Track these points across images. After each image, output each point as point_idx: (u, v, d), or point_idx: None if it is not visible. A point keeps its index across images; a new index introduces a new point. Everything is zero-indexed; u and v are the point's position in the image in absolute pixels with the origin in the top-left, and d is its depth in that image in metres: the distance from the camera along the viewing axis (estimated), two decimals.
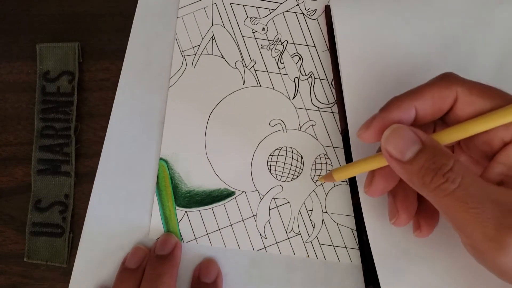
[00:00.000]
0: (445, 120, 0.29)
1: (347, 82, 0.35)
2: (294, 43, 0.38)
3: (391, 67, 0.35)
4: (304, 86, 0.38)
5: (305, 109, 0.37)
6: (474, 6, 0.35)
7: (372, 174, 0.30)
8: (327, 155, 0.37)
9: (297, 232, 0.37)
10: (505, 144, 0.27)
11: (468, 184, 0.25)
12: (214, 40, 0.38)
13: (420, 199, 0.31)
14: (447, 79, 0.28)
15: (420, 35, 0.35)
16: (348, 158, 0.36)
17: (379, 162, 0.29)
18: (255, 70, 0.38)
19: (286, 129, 0.37)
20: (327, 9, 0.37)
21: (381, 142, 0.28)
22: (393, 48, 0.35)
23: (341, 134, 0.37)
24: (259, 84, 0.38)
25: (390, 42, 0.35)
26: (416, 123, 0.29)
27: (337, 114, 0.37)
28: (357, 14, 0.35)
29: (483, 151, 0.28)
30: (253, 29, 0.38)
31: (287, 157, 0.37)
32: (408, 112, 0.28)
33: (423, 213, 0.31)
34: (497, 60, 0.35)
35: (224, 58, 0.38)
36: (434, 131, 0.31)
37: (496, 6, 0.35)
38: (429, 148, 0.26)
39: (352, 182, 0.36)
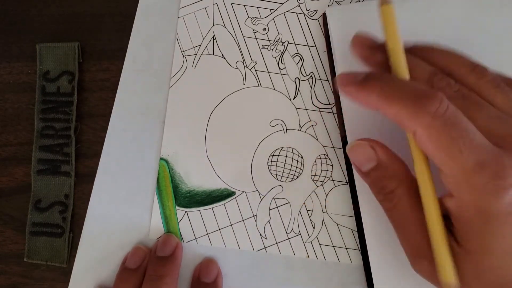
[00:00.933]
0: None
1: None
2: (295, 44, 0.38)
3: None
4: (304, 86, 0.38)
5: (306, 109, 0.37)
6: (472, 14, 0.35)
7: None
8: (327, 155, 0.37)
9: (297, 232, 0.37)
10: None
11: (400, 209, 0.29)
12: (215, 40, 0.38)
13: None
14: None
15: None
16: (348, 164, 0.36)
17: None
18: (255, 70, 0.38)
19: (286, 129, 0.37)
20: (325, 16, 0.37)
21: (347, 151, 0.32)
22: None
23: (341, 141, 0.37)
24: (259, 84, 0.38)
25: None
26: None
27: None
28: (354, 23, 0.35)
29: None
30: (254, 29, 0.38)
31: (287, 157, 0.37)
32: None
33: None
34: (495, 68, 0.35)
35: (225, 58, 0.38)
36: None
37: (494, 14, 0.35)
38: (381, 168, 0.30)
39: (353, 189, 0.36)
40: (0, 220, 0.38)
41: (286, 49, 0.38)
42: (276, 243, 0.37)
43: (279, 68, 0.38)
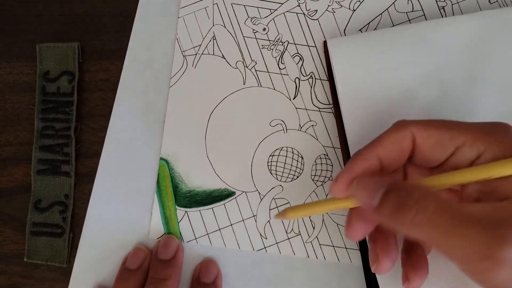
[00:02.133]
0: (414, 162, 0.30)
1: (348, 118, 0.35)
2: (295, 44, 0.38)
3: (391, 102, 0.35)
4: (304, 86, 0.38)
5: (306, 109, 0.37)
6: (473, 42, 0.35)
7: (349, 216, 0.31)
8: (327, 155, 0.37)
9: (297, 232, 0.37)
10: (473, 162, 0.27)
11: (441, 209, 0.25)
12: (215, 40, 0.38)
13: (407, 251, 0.31)
14: (401, 123, 0.29)
15: (419, 71, 0.35)
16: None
17: (334, 205, 0.30)
18: (255, 70, 0.38)
19: (286, 129, 0.37)
20: (325, 44, 0.37)
21: (351, 194, 0.29)
22: (392, 84, 0.35)
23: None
24: (259, 84, 0.38)
25: (389, 78, 0.35)
26: (385, 171, 0.30)
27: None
28: (355, 52, 0.35)
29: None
30: (254, 29, 0.38)
31: (287, 157, 0.37)
32: (371, 160, 0.29)
33: (411, 264, 0.31)
34: (496, 95, 0.35)
35: (225, 58, 0.38)
36: (405, 177, 0.31)
37: (495, 41, 0.35)
38: (393, 187, 0.27)
39: None
40: (0, 220, 0.38)
41: (286, 49, 0.38)
42: (276, 243, 0.37)
43: (279, 68, 0.38)
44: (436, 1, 0.38)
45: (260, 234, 0.37)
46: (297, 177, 0.37)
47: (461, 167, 0.28)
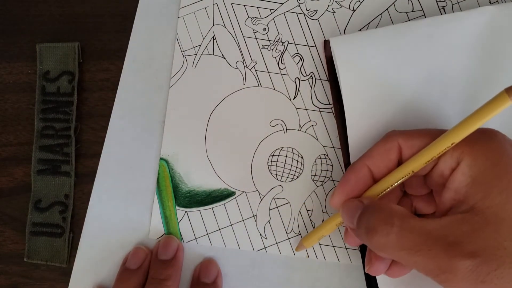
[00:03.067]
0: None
1: (350, 118, 0.35)
2: (295, 44, 0.38)
3: (394, 101, 0.35)
4: (304, 86, 0.38)
5: (306, 109, 0.37)
6: (478, 43, 0.35)
7: (346, 230, 0.33)
8: (327, 155, 0.37)
9: (297, 232, 0.37)
10: (453, 171, 0.28)
11: (404, 232, 0.27)
12: (215, 40, 0.38)
13: None
14: (388, 135, 0.31)
15: (423, 70, 0.35)
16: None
17: (338, 220, 0.33)
18: (255, 70, 0.38)
19: (286, 129, 0.37)
20: (326, 44, 0.37)
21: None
22: (395, 83, 0.35)
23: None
24: (259, 84, 0.38)
25: (393, 78, 0.35)
26: (377, 179, 0.31)
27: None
28: (358, 50, 0.35)
29: (441, 185, 0.29)
30: (254, 29, 0.38)
31: (287, 158, 0.37)
32: (361, 171, 0.31)
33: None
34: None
35: (225, 58, 0.38)
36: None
37: (499, 42, 0.35)
38: (364, 210, 0.29)
39: None
40: (0, 220, 0.38)
41: (286, 49, 0.38)
42: (276, 243, 0.37)
43: (279, 68, 0.38)
44: (436, 1, 0.38)
45: (260, 234, 0.37)
46: (297, 177, 0.37)
47: (444, 176, 0.29)
